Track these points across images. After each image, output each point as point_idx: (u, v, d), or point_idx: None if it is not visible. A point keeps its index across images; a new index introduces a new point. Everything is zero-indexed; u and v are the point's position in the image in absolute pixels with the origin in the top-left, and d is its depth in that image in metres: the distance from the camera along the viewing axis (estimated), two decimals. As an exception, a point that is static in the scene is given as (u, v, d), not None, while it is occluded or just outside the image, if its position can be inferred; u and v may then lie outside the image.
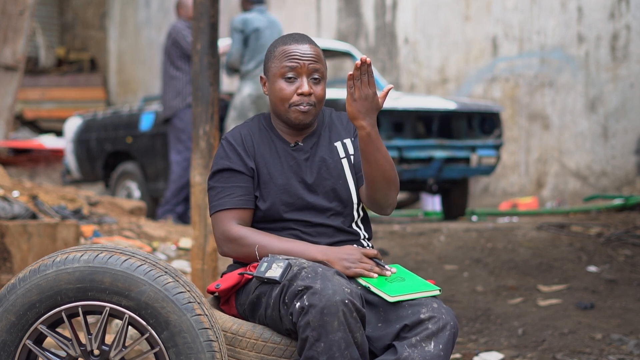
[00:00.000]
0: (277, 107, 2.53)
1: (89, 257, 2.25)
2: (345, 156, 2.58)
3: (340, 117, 2.66)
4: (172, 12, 12.70)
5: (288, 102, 2.50)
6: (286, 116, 2.52)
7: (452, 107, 7.25)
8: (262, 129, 2.59)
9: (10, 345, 2.26)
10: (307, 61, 2.50)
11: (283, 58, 2.51)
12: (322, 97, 2.52)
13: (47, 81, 14.52)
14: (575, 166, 9.42)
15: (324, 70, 2.53)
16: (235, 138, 2.56)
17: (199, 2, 4.02)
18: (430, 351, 2.27)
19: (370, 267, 2.43)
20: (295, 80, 2.50)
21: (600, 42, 9.23)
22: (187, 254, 5.38)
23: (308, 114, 2.51)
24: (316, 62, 2.51)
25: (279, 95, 2.50)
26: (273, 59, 2.53)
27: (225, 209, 2.50)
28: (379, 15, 11.09)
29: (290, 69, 2.49)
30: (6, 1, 9.76)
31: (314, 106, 2.51)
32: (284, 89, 2.50)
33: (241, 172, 2.52)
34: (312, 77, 2.50)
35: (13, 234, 4.39)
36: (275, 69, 2.52)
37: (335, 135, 2.61)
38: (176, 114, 7.19)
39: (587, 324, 4.42)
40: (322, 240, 2.51)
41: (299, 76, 2.49)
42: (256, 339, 2.38)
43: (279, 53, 2.52)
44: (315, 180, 2.54)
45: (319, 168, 2.55)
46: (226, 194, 2.51)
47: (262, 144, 2.56)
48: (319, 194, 2.54)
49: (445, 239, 6.16)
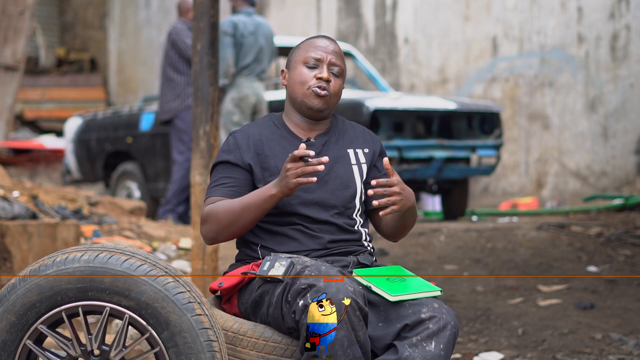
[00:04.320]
0: (295, 91, 2.57)
1: (89, 257, 2.25)
2: (356, 163, 2.61)
3: (354, 127, 2.70)
4: (172, 12, 12.71)
5: (307, 84, 2.54)
6: (302, 100, 2.55)
7: (452, 107, 7.25)
8: (272, 127, 2.61)
9: (11, 345, 2.26)
10: (330, 55, 2.57)
11: (308, 48, 2.58)
12: (338, 91, 2.58)
13: (47, 81, 14.52)
14: (575, 166, 9.43)
15: (344, 70, 2.60)
16: (241, 134, 2.59)
17: (199, 2, 4.02)
18: (431, 351, 2.27)
19: (300, 171, 2.36)
20: (315, 68, 2.56)
21: (600, 42, 9.23)
22: (187, 254, 5.39)
23: (325, 101, 2.55)
24: (338, 58, 2.58)
25: (299, 78, 2.56)
26: (298, 50, 2.61)
27: (212, 196, 2.52)
28: (379, 15, 11.09)
29: (313, 58, 2.56)
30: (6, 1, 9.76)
31: (330, 96, 2.55)
32: (304, 73, 2.56)
33: (237, 166, 2.54)
34: (332, 70, 2.56)
35: (13, 234, 4.39)
36: (298, 57, 2.59)
37: (347, 141, 2.64)
38: (177, 115, 7.18)
39: (587, 324, 4.42)
40: (325, 236, 2.52)
41: (320, 64, 2.56)
42: (257, 338, 2.38)
43: (304, 45, 2.61)
44: (326, 176, 2.55)
45: (331, 165, 2.56)
46: (218, 184, 2.54)
47: (272, 140, 2.58)
48: (327, 190, 2.55)
49: (445, 239, 6.16)
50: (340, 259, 2.51)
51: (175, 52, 7.20)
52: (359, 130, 2.69)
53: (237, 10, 6.98)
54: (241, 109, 6.78)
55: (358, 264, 2.53)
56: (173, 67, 7.23)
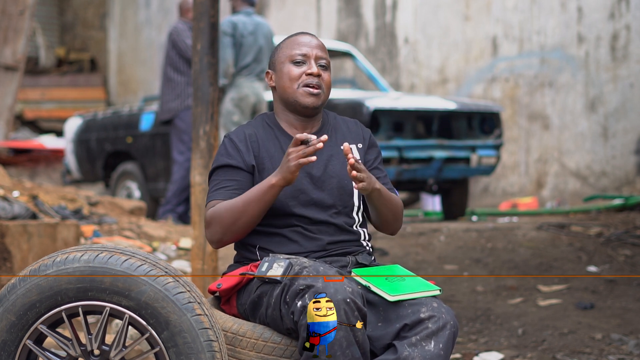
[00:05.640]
0: (286, 90, 2.55)
1: (89, 257, 2.25)
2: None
3: (346, 122, 2.69)
4: (172, 12, 12.72)
5: (297, 82, 2.53)
6: (294, 98, 2.54)
7: (452, 107, 7.25)
8: (265, 127, 2.60)
9: (11, 345, 2.26)
10: (315, 49, 2.56)
11: (292, 46, 2.57)
12: (329, 83, 2.57)
13: (47, 81, 14.52)
14: (575, 166, 9.43)
15: (330, 62, 2.59)
16: (237, 136, 2.57)
17: (199, 2, 4.02)
18: (430, 350, 2.27)
19: (301, 154, 2.37)
20: (303, 64, 2.55)
21: (600, 42, 9.23)
22: (187, 254, 5.39)
23: (317, 98, 2.54)
24: (322, 51, 2.58)
25: (288, 76, 2.54)
26: (280, 50, 2.59)
27: (214, 199, 2.51)
28: (379, 15, 11.09)
29: (299, 55, 2.54)
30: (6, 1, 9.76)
31: (322, 91, 2.54)
32: (292, 70, 2.54)
33: (239, 168, 2.53)
34: (319, 63, 2.56)
35: (13, 234, 4.39)
36: (283, 57, 2.57)
37: (341, 138, 2.63)
38: (177, 115, 7.18)
39: (587, 324, 4.42)
40: (324, 238, 2.51)
41: (307, 60, 2.55)
42: (256, 339, 2.39)
43: (286, 44, 2.59)
44: (322, 176, 2.55)
45: (326, 163, 2.56)
46: (220, 187, 2.52)
47: (267, 141, 2.57)
48: (324, 189, 2.54)
49: (445, 239, 6.16)
50: (339, 259, 2.51)
51: (175, 52, 7.20)
52: (351, 125, 2.68)
53: (237, 11, 6.98)
54: (241, 109, 6.78)
55: (357, 264, 2.53)
56: (173, 67, 7.23)
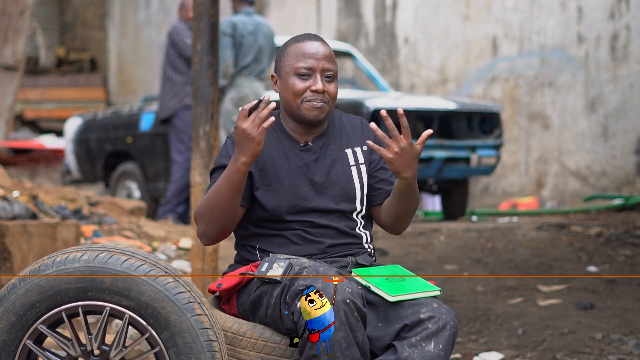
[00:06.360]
0: (290, 103, 2.52)
1: (89, 257, 2.25)
2: (354, 164, 2.57)
3: (351, 121, 2.65)
4: (172, 12, 12.71)
5: (300, 97, 2.49)
6: (298, 112, 2.51)
7: (452, 107, 7.25)
8: (270, 129, 2.55)
9: (11, 345, 2.26)
10: (322, 61, 2.50)
11: (297, 56, 2.51)
12: (334, 94, 2.52)
13: (47, 81, 14.51)
14: (575, 166, 9.43)
15: (337, 70, 2.54)
16: None
17: (199, 2, 4.02)
18: (430, 351, 2.27)
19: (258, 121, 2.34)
20: (308, 78, 2.49)
21: (600, 42, 9.23)
22: (187, 254, 5.38)
23: (321, 110, 2.50)
24: (329, 62, 2.51)
25: (292, 90, 2.50)
26: (286, 57, 2.53)
27: None
28: (379, 15, 11.09)
29: (304, 67, 2.49)
30: (6, 1, 9.76)
31: (327, 103, 2.51)
32: (297, 84, 2.49)
33: None
34: (325, 75, 2.51)
35: (13, 234, 4.39)
36: (288, 67, 2.51)
37: (346, 140, 2.60)
38: (175, 114, 7.18)
39: (587, 324, 4.42)
40: (325, 241, 2.50)
41: (313, 74, 2.49)
42: (256, 339, 2.38)
43: (292, 52, 2.52)
44: (325, 182, 2.53)
45: (329, 169, 2.54)
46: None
47: (270, 144, 2.54)
48: (326, 195, 2.52)
49: (445, 239, 6.16)
50: (339, 259, 2.51)
51: (174, 52, 7.21)
52: (356, 125, 2.64)
53: (237, 11, 6.98)
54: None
55: (357, 265, 2.52)
56: (172, 66, 7.24)
